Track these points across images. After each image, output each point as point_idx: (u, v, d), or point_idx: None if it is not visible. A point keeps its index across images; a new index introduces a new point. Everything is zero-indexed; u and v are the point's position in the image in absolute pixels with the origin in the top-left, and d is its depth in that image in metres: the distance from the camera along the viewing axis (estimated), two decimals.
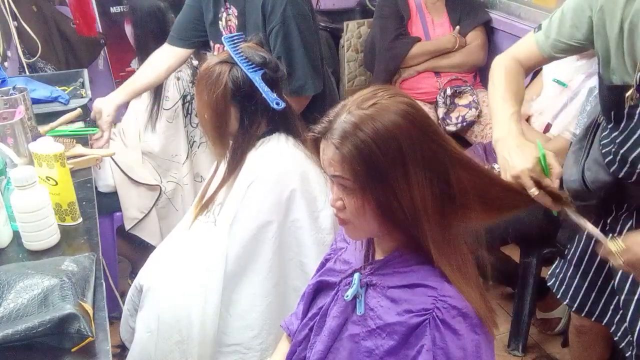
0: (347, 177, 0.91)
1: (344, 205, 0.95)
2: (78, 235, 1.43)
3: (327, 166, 0.94)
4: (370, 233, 1.00)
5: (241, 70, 1.49)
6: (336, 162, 0.91)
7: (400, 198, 0.89)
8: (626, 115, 1.29)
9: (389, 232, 0.97)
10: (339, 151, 0.90)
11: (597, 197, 1.45)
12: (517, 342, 2.26)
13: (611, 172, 1.36)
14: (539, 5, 2.60)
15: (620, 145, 1.31)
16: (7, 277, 1.11)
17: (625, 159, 1.31)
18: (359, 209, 0.93)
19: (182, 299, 1.54)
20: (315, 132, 0.95)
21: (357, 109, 0.90)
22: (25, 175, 1.26)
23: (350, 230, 1.00)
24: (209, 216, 1.63)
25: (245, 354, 1.59)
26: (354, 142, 0.88)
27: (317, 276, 1.16)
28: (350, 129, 0.89)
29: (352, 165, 0.89)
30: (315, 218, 1.60)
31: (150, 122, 2.29)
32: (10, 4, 2.42)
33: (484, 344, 0.91)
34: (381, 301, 0.98)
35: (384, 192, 0.90)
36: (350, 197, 0.93)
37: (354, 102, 0.92)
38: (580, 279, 1.60)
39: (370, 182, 0.89)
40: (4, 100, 1.73)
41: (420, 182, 0.89)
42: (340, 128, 0.90)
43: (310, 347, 1.09)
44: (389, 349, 0.95)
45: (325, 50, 3.45)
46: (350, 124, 0.89)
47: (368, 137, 0.88)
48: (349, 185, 0.92)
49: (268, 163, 1.55)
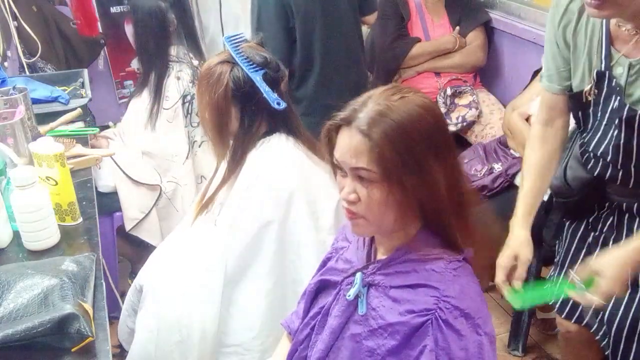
0: (373, 169, 0.90)
1: (359, 198, 0.93)
2: (78, 235, 1.43)
3: (349, 157, 0.92)
4: (381, 228, 0.98)
5: (242, 70, 1.49)
6: (362, 152, 0.90)
7: (428, 185, 0.91)
8: (589, 115, 1.38)
9: (403, 227, 0.97)
10: (367, 138, 0.89)
11: (578, 194, 1.51)
12: (517, 342, 2.26)
13: (589, 170, 1.44)
14: (539, 5, 2.59)
15: (589, 143, 1.40)
16: (7, 277, 1.11)
17: (598, 156, 1.39)
18: (382, 200, 0.91)
19: (182, 299, 1.54)
20: (338, 119, 0.94)
21: (384, 100, 0.92)
22: (25, 175, 1.26)
23: (359, 226, 0.97)
24: (209, 216, 1.63)
25: (245, 355, 1.59)
26: (384, 128, 0.89)
27: (319, 275, 1.16)
28: (379, 116, 0.90)
29: (382, 151, 0.88)
30: (316, 218, 1.60)
31: (150, 122, 2.29)
32: (10, 4, 2.41)
33: (486, 344, 0.91)
34: (383, 301, 0.98)
35: (412, 179, 0.89)
36: (372, 189, 0.91)
37: (380, 95, 0.93)
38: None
39: (398, 169, 0.89)
40: (4, 100, 1.73)
41: (443, 171, 0.92)
42: (368, 115, 0.90)
43: (311, 346, 1.09)
44: (391, 348, 0.95)
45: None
46: (378, 112, 0.90)
47: (396, 124, 0.89)
48: (373, 178, 0.90)
49: (268, 163, 1.55)
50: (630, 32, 1.24)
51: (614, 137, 1.33)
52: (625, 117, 1.29)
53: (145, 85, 2.30)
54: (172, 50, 2.31)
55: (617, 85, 1.30)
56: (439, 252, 0.96)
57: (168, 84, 2.28)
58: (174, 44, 2.32)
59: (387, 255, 1.01)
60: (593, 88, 1.33)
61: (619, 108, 1.30)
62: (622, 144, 1.32)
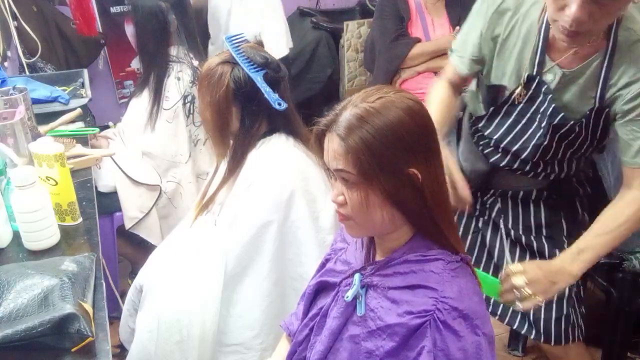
0: (350, 171, 0.91)
1: (346, 201, 0.95)
2: (78, 235, 1.42)
3: (331, 160, 0.94)
4: (371, 230, 1.00)
5: (243, 71, 1.49)
6: (340, 154, 0.92)
7: (408, 188, 0.91)
8: (504, 112, 1.47)
9: (395, 229, 0.97)
10: (344, 142, 0.91)
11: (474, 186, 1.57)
12: (517, 342, 2.26)
13: (491, 162, 1.55)
14: None
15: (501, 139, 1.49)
16: (7, 277, 1.11)
17: (508, 151, 1.50)
18: (362, 202, 0.93)
19: (182, 299, 1.54)
20: (321, 125, 0.96)
21: (362, 102, 0.92)
22: (25, 175, 1.26)
23: (351, 227, 1.00)
24: (209, 216, 1.63)
25: (245, 354, 1.59)
26: (360, 134, 0.89)
27: (318, 277, 1.16)
28: (356, 121, 0.90)
29: (357, 155, 0.90)
30: (316, 218, 1.60)
31: (150, 122, 2.29)
32: (10, 4, 2.41)
33: (485, 345, 0.91)
34: (382, 302, 0.98)
35: (389, 182, 0.90)
36: (353, 191, 0.93)
37: (359, 97, 0.94)
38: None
39: (375, 172, 0.90)
40: (4, 100, 1.73)
41: (426, 174, 0.92)
42: (346, 120, 0.91)
43: (310, 348, 1.09)
44: (390, 350, 0.94)
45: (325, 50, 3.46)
46: (356, 116, 0.90)
47: (373, 128, 0.89)
48: (352, 179, 0.92)
49: (268, 163, 1.55)
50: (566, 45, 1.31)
51: (537, 137, 1.42)
52: (555, 123, 1.38)
53: (146, 85, 2.30)
54: (173, 51, 2.31)
55: (548, 91, 1.37)
56: (438, 253, 0.97)
57: (168, 84, 2.28)
58: (174, 45, 2.32)
59: (386, 257, 1.01)
60: (522, 90, 1.40)
61: (551, 114, 1.38)
62: (544, 144, 1.41)
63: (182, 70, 2.31)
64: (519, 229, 1.63)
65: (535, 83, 1.38)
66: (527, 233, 1.61)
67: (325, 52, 3.46)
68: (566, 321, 1.58)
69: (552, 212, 1.60)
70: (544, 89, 1.37)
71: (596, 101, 1.35)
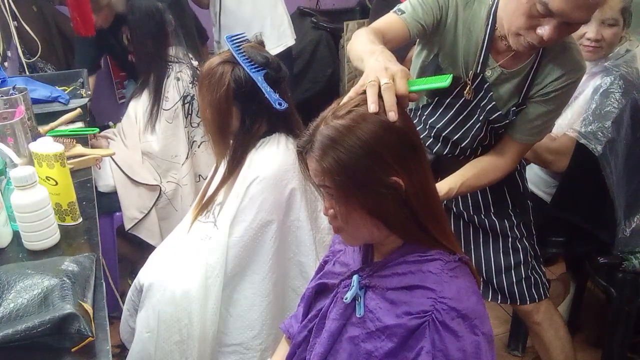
0: (330, 185, 0.92)
1: (336, 214, 0.96)
2: (78, 235, 1.42)
3: (314, 176, 0.95)
4: (364, 239, 1.01)
5: (243, 70, 1.49)
6: (319, 173, 0.92)
7: (389, 197, 0.90)
8: (446, 104, 1.55)
9: (385, 237, 0.98)
10: (319, 165, 0.91)
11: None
12: (517, 342, 2.26)
13: (434, 152, 1.64)
14: None
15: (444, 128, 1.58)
16: (7, 277, 1.11)
17: (448, 139, 1.60)
18: (347, 216, 0.94)
19: (182, 299, 1.54)
20: (299, 146, 0.96)
21: (334, 120, 0.91)
22: (25, 175, 1.26)
23: (345, 238, 1.01)
24: (209, 216, 1.63)
25: (245, 354, 1.59)
26: (333, 155, 0.89)
27: (317, 279, 1.16)
28: (329, 142, 0.89)
29: (332, 176, 0.90)
30: (315, 218, 1.60)
31: (149, 123, 2.29)
32: (10, 4, 2.41)
33: (484, 345, 0.91)
34: (380, 303, 0.98)
35: (368, 197, 0.90)
36: (337, 205, 0.94)
37: (330, 111, 0.93)
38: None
39: (352, 190, 0.90)
40: (4, 100, 1.73)
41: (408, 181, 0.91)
42: (319, 142, 0.91)
43: (309, 349, 1.09)
44: (388, 351, 0.95)
45: (325, 50, 3.46)
46: (328, 137, 0.90)
47: (345, 148, 0.88)
48: (334, 195, 0.93)
49: (268, 163, 1.55)
50: (507, 46, 1.40)
51: (475, 130, 1.54)
52: (492, 118, 1.50)
53: (145, 86, 2.30)
54: (171, 51, 2.31)
55: (489, 89, 1.48)
56: (436, 253, 0.97)
57: (168, 84, 2.28)
58: (172, 45, 2.32)
59: (383, 258, 1.01)
60: (471, 88, 1.49)
61: (489, 110, 1.50)
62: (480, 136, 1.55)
63: (182, 71, 2.31)
64: (470, 210, 1.74)
65: (479, 80, 1.48)
66: (478, 212, 1.74)
67: (325, 52, 3.46)
68: (527, 283, 1.74)
69: (496, 188, 1.69)
70: (486, 87, 1.48)
71: (520, 98, 1.49)
